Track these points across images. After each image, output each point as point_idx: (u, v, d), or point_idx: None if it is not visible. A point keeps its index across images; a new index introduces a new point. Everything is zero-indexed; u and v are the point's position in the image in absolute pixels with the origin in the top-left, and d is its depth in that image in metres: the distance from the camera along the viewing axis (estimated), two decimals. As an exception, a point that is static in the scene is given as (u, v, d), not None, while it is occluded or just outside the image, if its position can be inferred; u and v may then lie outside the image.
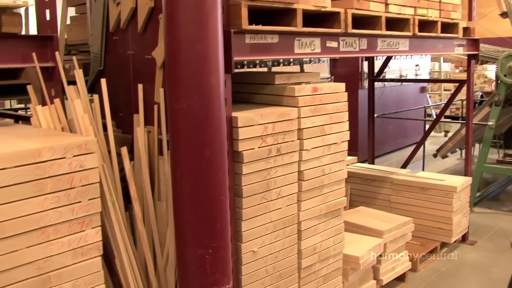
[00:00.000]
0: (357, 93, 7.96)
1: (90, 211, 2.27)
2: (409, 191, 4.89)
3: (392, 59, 7.06)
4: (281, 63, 6.58)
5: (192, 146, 2.33)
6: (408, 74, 9.44)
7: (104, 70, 3.50)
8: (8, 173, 2.01)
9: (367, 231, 4.08)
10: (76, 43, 4.13)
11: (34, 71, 2.73)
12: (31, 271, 2.13)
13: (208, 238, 2.41)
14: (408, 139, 9.48)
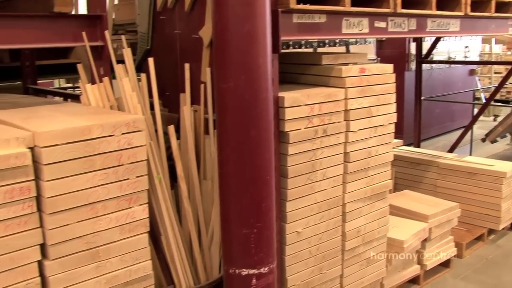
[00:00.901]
0: (403, 75, 7.81)
1: (138, 188, 2.30)
2: (456, 175, 4.79)
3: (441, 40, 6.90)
4: (327, 44, 6.51)
5: (239, 125, 2.33)
6: (456, 56, 9.21)
7: (151, 49, 3.53)
8: (59, 150, 2.05)
9: (412, 215, 4.02)
10: (124, 23, 4.18)
11: (83, 50, 2.76)
12: (81, 245, 2.18)
13: (253, 217, 2.42)
14: (455, 123, 9.29)
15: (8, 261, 2.02)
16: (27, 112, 2.53)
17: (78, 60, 4.21)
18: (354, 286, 3.36)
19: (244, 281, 2.51)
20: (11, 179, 1.97)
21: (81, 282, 2.21)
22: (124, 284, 2.35)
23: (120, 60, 2.71)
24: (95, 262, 2.24)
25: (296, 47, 6.19)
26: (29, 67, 4.41)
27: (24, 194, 2.01)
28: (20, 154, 1.97)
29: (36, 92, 4.27)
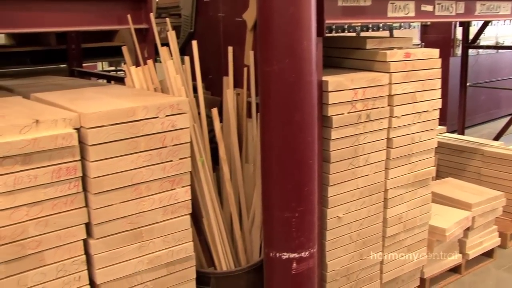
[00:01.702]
0: (448, 60, 7.65)
1: (181, 170, 2.32)
2: (502, 164, 4.67)
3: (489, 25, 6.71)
4: (370, 29, 6.42)
5: (282, 109, 2.32)
6: (505, 41, 8.94)
7: (195, 32, 3.54)
8: (105, 131, 2.08)
9: (455, 203, 3.96)
10: (167, 6, 4.19)
11: (128, 33, 2.79)
12: (125, 225, 2.22)
13: (295, 201, 2.41)
14: (501, 110, 9.06)
15: (56, 239, 2.06)
16: (73, 93, 2.57)
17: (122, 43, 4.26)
18: (394, 273, 3.34)
19: (284, 265, 2.51)
20: (58, 159, 2.00)
21: (124, 261, 2.25)
22: (166, 265, 2.38)
23: (164, 43, 2.73)
24: (138, 242, 2.27)
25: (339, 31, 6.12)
26: (75, 50, 4.49)
27: (70, 174, 2.05)
28: (67, 134, 2.01)
29: (81, 75, 4.34)
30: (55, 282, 2.10)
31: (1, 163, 1.88)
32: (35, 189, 1.98)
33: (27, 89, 2.78)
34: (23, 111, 2.19)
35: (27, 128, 1.96)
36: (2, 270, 1.97)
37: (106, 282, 2.22)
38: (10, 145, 1.89)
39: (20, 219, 1.97)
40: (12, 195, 1.93)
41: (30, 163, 1.95)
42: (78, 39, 4.53)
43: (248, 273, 2.75)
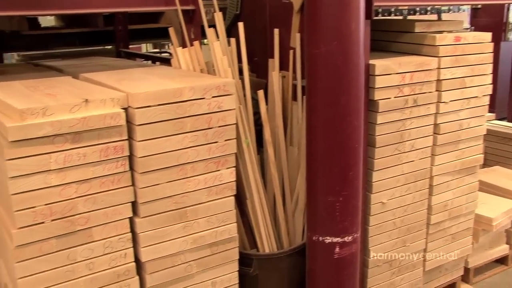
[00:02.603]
0: (499, 45, 7.41)
1: (226, 151, 2.33)
2: (552, 153, 4.55)
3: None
4: (418, 12, 6.28)
5: (329, 92, 2.30)
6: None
7: (241, 14, 3.53)
8: (152, 111, 2.10)
9: (502, 192, 3.87)
10: (213, -12, 4.18)
11: (175, 14, 2.80)
12: (170, 204, 2.25)
13: (339, 185, 2.40)
14: (552, 97, 8.77)
15: (103, 216, 2.11)
16: (121, 74, 2.60)
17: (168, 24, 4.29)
18: (437, 261, 3.29)
19: (327, 249, 2.51)
20: (106, 138, 2.04)
21: (169, 240, 2.28)
22: (209, 245, 2.40)
23: (210, 25, 2.73)
24: (183, 222, 2.30)
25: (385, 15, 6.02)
26: (122, 31, 4.54)
27: (118, 153, 2.08)
28: (115, 114, 2.04)
29: (128, 56, 4.39)
30: (102, 258, 2.15)
31: (52, 141, 1.93)
32: (84, 167, 2.02)
33: (76, 69, 2.82)
34: (73, 90, 2.23)
35: (77, 107, 2.00)
36: (54, 244, 2.03)
37: (151, 260, 2.26)
38: (61, 123, 1.93)
39: (69, 196, 2.02)
40: (63, 172, 1.98)
41: (80, 142, 1.99)
42: (125, 20, 4.58)
43: (290, 256, 2.76)
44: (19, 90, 2.28)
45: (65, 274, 2.09)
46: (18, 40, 4.67)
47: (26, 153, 1.90)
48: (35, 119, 1.91)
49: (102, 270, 2.17)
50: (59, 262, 2.07)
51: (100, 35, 4.84)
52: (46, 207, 1.98)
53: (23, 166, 1.90)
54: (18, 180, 1.91)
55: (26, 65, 3.52)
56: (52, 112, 1.94)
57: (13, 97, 2.09)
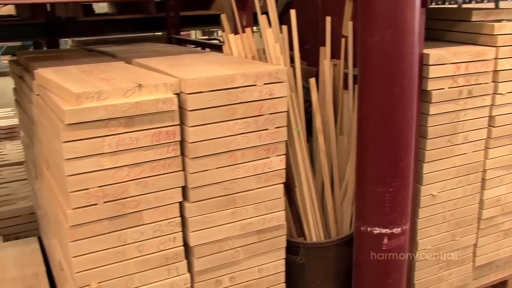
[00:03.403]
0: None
1: (276, 139, 2.33)
2: None
3: None
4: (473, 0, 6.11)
5: (381, 81, 2.27)
6: None
7: (293, 1, 3.50)
8: (204, 97, 2.11)
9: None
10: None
11: (227, 1, 2.80)
12: (219, 190, 2.26)
13: (389, 176, 2.37)
14: None
15: (154, 200, 2.14)
16: (173, 60, 2.62)
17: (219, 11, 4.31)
18: (488, 257, 3.22)
19: (375, 240, 2.48)
20: (158, 123, 2.06)
21: (217, 226, 2.30)
22: (257, 232, 2.41)
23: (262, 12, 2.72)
24: (231, 208, 2.31)
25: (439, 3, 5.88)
26: (173, 17, 4.58)
27: (169, 138, 2.10)
28: (168, 99, 2.06)
29: (179, 42, 4.42)
30: (152, 241, 2.19)
31: (106, 125, 1.96)
32: (136, 151, 2.05)
33: (129, 55, 2.87)
34: (126, 75, 2.27)
35: (131, 92, 2.03)
36: (106, 225, 2.07)
37: (199, 245, 2.29)
38: (115, 107, 1.96)
39: (122, 179, 2.06)
40: (115, 155, 2.02)
41: (132, 126, 2.02)
42: (177, 7, 4.61)
43: (337, 245, 2.74)
44: (75, 74, 2.33)
45: (116, 255, 2.14)
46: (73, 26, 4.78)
47: (81, 136, 1.94)
48: (90, 103, 1.95)
49: (151, 253, 2.20)
50: (110, 243, 2.11)
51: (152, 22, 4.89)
52: (99, 189, 2.03)
53: (78, 148, 1.95)
54: (73, 162, 1.96)
55: (80, 50, 3.59)
56: (106, 96, 1.98)
57: (69, 81, 2.13)
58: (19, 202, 4.16)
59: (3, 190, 4.44)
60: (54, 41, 5.13)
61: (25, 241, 3.63)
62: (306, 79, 2.80)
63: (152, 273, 2.23)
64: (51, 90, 2.21)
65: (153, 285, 2.24)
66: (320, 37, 3.04)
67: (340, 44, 2.91)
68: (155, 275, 2.24)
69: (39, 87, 2.44)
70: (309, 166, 2.67)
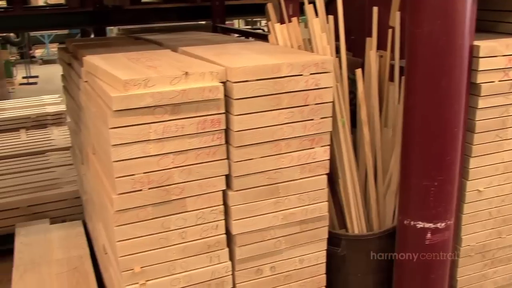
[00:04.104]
0: None
1: (321, 129, 2.31)
2: None
3: None
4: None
5: (429, 73, 2.22)
6: None
7: (339, -9, 3.46)
8: (250, 86, 2.11)
9: None
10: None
11: (273, -10, 2.79)
12: (263, 179, 2.26)
13: (435, 170, 2.32)
14: None
15: (197, 187, 2.16)
16: (218, 48, 2.63)
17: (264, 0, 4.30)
18: (536, 256, 3.14)
19: (418, 234, 2.45)
20: (204, 111, 2.07)
21: (260, 215, 2.30)
22: (299, 222, 2.41)
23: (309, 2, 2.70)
24: (274, 197, 2.31)
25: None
26: (219, 6, 4.58)
27: (214, 126, 2.11)
28: (214, 87, 2.07)
29: (224, 31, 4.43)
30: (194, 228, 2.21)
31: (152, 112, 1.99)
32: (181, 139, 2.07)
33: (175, 43, 2.89)
34: (173, 63, 2.29)
35: (177, 79, 2.04)
36: (150, 211, 2.10)
37: (241, 234, 2.30)
38: (161, 95, 1.98)
39: (166, 165, 2.08)
40: (161, 142, 2.04)
41: (178, 113, 2.03)
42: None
43: (379, 238, 2.72)
44: (123, 61, 2.36)
45: (159, 241, 2.17)
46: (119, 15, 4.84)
47: (128, 122, 1.97)
48: (137, 90, 1.97)
49: (193, 240, 2.23)
50: (154, 229, 2.15)
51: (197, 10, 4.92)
52: (144, 176, 2.06)
53: (125, 135, 1.98)
54: (120, 148, 1.99)
55: (127, 38, 3.64)
56: (153, 83, 2.00)
57: (117, 68, 2.16)
58: (65, 186, 4.27)
59: (50, 174, 4.55)
60: (101, 29, 5.21)
61: (70, 224, 3.73)
62: (351, 70, 2.77)
63: (194, 260, 2.25)
64: (99, 77, 2.25)
65: (195, 272, 2.27)
66: (366, 27, 2.99)
67: (386, 35, 2.87)
68: (197, 262, 2.26)
69: (87, 74, 2.49)
70: (353, 158, 2.65)
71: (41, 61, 15.80)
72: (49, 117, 6.28)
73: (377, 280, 2.79)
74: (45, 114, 6.28)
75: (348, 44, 3.26)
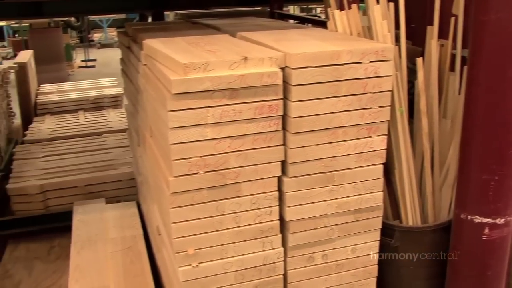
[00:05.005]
0: None
1: (379, 118, 2.28)
2: None
3: None
4: None
5: (495, 63, 2.15)
6: None
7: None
8: (308, 72, 2.09)
9: None
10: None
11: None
12: (318, 167, 2.25)
13: (496, 163, 2.26)
14: None
15: (253, 173, 2.16)
16: (277, 34, 2.62)
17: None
18: None
19: (475, 229, 2.39)
20: (262, 96, 2.07)
21: (314, 202, 2.29)
22: (353, 211, 2.38)
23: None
24: (330, 185, 2.30)
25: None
26: (277, -8, 4.57)
27: (272, 111, 2.11)
28: (273, 73, 2.06)
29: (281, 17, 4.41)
30: (248, 213, 2.22)
31: (211, 96, 2.00)
32: (238, 123, 2.08)
33: (233, 28, 2.89)
34: (232, 48, 2.29)
35: (236, 64, 2.04)
36: (205, 194, 2.12)
37: (295, 220, 2.30)
38: (220, 79, 1.99)
39: (223, 150, 2.09)
40: (218, 127, 2.05)
41: (237, 98, 2.04)
42: (281, -19, 4.60)
43: (434, 231, 2.67)
44: (182, 45, 2.38)
45: (213, 225, 2.19)
46: (178, 0, 4.88)
47: (186, 106, 1.99)
48: (197, 73, 1.99)
49: (247, 225, 2.24)
50: (208, 212, 2.17)
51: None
52: (200, 159, 2.07)
53: (183, 118, 2.00)
54: (177, 131, 2.01)
55: (185, 22, 3.67)
56: (212, 67, 2.01)
57: (176, 52, 2.18)
58: (121, 167, 4.36)
59: (107, 155, 4.66)
60: (159, 14, 5.27)
61: (125, 205, 3.81)
62: (410, 59, 2.71)
63: (246, 244, 2.26)
64: (158, 60, 2.27)
65: (247, 257, 2.28)
66: (427, 15, 2.92)
67: (448, 23, 2.79)
68: (249, 246, 2.27)
69: (147, 57, 2.52)
70: (410, 148, 2.60)
71: (99, 45, 16.17)
72: (106, 99, 6.43)
73: (429, 273, 2.74)
74: (103, 97, 6.44)
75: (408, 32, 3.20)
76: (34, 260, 3.72)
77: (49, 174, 4.31)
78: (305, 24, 4.45)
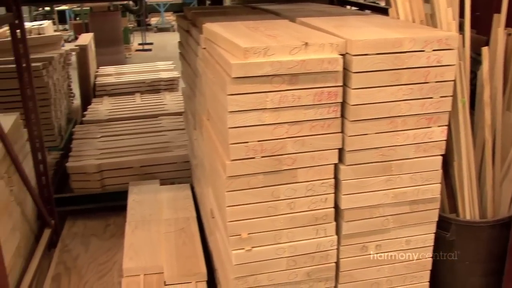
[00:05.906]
0: None
1: (440, 108, 2.22)
2: None
3: None
4: None
5: None
6: None
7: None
8: (369, 59, 2.06)
9: None
10: None
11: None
12: (376, 156, 2.22)
13: (562, 159, 2.18)
14: None
15: (309, 159, 2.15)
16: (337, 20, 2.59)
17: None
18: None
19: (537, 226, 2.32)
20: (321, 82, 2.05)
21: (370, 191, 2.27)
22: (410, 202, 2.34)
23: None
24: (386, 175, 2.26)
25: None
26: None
27: (331, 98, 2.09)
28: (333, 59, 2.04)
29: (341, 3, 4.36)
30: (303, 200, 2.22)
31: (270, 81, 1.99)
32: (297, 109, 2.07)
33: (292, 14, 2.88)
34: (292, 33, 2.27)
35: (297, 49, 2.03)
36: (261, 179, 2.13)
37: (350, 209, 2.28)
38: (280, 64, 1.98)
39: (280, 135, 2.09)
40: (277, 112, 2.05)
41: (296, 84, 2.03)
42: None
43: (492, 227, 2.60)
44: (242, 30, 2.38)
45: (268, 210, 2.19)
46: (236, -16, 4.87)
47: (246, 90, 1.99)
48: (257, 58, 1.98)
49: (301, 211, 2.24)
50: (263, 197, 2.17)
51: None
52: (258, 144, 2.08)
53: (242, 102, 2.00)
54: (236, 115, 2.02)
55: (244, 7, 3.67)
56: (272, 52, 2.00)
57: (236, 36, 2.18)
58: (176, 150, 4.42)
59: (162, 138, 4.73)
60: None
61: (178, 187, 3.87)
62: (473, 48, 2.63)
63: (300, 231, 2.26)
64: (218, 44, 2.28)
65: (300, 243, 2.28)
66: (494, 3, 2.83)
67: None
68: (303, 233, 2.27)
69: (206, 41, 2.53)
70: (471, 140, 2.53)
71: (156, 29, 16.38)
72: (162, 82, 6.51)
73: (486, 269, 2.68)
74: (159, 80, 6.53)
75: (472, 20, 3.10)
76: (90, 237, 3.83)
77: (106, 154, 4.41)
78: (364, 11, 4.38)
